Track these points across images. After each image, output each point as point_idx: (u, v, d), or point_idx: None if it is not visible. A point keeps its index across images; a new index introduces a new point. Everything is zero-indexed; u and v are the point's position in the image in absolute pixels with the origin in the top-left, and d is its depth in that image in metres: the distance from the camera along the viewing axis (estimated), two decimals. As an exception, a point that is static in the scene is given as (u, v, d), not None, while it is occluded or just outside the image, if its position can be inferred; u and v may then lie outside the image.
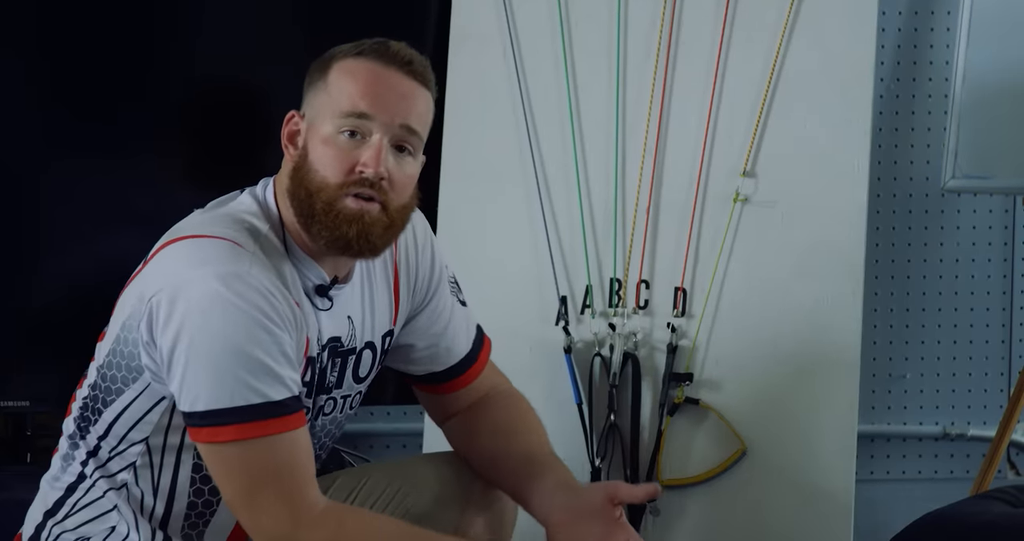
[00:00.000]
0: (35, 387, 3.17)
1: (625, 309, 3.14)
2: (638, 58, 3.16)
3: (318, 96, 2.23)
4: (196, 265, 2.13)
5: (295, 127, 2.26)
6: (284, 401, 2.12)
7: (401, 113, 2.21)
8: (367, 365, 2.37)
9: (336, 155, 2.19)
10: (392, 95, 2.21)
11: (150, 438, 2.22)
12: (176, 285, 2.12)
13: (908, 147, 3.87)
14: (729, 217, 3.12)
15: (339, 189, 2.19)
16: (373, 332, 2.36)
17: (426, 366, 2.47)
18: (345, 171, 2.19)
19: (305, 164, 2.21)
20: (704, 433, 3.12)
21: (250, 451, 2.11)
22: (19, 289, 3.16)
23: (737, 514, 3.10)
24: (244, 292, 2.11)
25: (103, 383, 2.22)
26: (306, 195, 2.20)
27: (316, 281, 2.25)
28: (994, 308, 3.92)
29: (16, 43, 3.16)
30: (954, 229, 3.90)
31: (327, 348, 2.28)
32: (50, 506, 2.28)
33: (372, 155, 2.18)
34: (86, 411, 2.25)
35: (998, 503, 3.05)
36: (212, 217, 2.22)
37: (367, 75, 2.21)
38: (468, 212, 3.16)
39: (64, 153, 3.18)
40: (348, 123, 2.19)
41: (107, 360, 2.22)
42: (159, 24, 3.24)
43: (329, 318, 2.27)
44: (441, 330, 2.45)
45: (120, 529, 2.24)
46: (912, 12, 3.84)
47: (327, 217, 2.18)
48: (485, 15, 3.17)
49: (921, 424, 3.92)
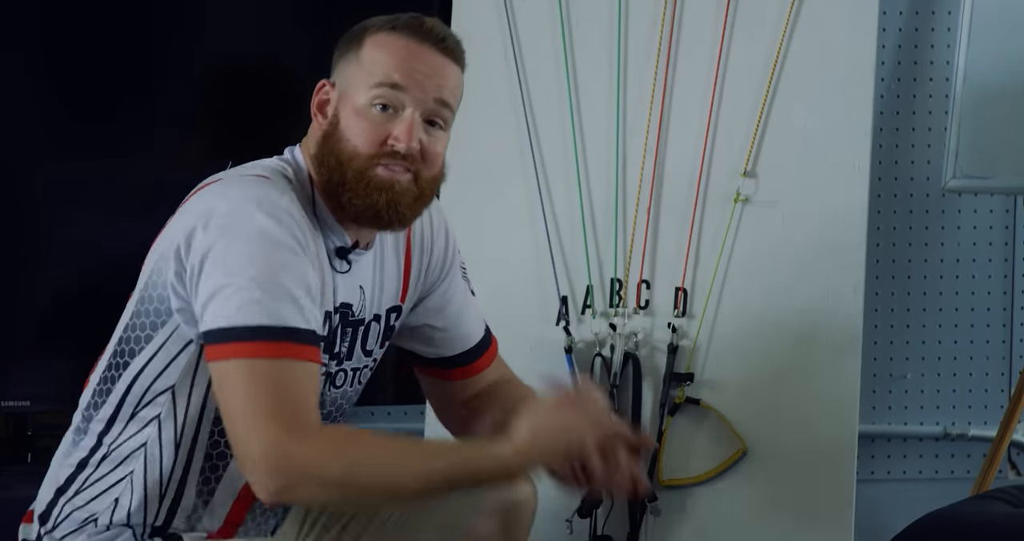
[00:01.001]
0: (36, 387, 3.17)
1: (626, 309, 3.14)
2: (639, 58, 3.16)
3: (350, 67, 2.26)
4: (226, 195, 2.16)
5: (325, 96, 2.28)
6: (299, 329, 2.11)
7: (434, 88, 2.24)
8: (374, 338, 2.37)
9: (368, 127, 2.22)
10: (426, 69, 2.24)
11: (176, 386, 2.21)
12: (206, 210, 2.14)
13: (909, 147, 3.87)
14: (730, 217, 3.12)
15: (370, 159, 2.21)
16: (380, 305, 2.37)
17: (439, 349, 2.47)
18: (377, 143, 2.22)
19: (336, 132, 2.23)
20: (705, 433, 3.12)
21: (257, 370, 2.08)
22: (20, 289, 3.16)
23: (738, 514, 3.10)
24: (277, 214, 2.12)
25: (131, 334, 2.22)
26: (336, 163, 2.22)
27: (338, 243, 2.27)
28: (995, 308, 3.92)
29: (15, 39, 3.16)
30: (955, 229, 3.90)
31: (339, 312, 2.29)
32: (61, 483, 2.27)
33: (405, 129, 2.21)
34: (110, 370, 2.24)
35: (999, 503, 3.05)
36: (241, 167, 2.25)
37: (402, 49, 2.24)
38: (469, 212, 3.16)
39: (65, 150, 3.18)
40: (381, 93, 2.22)
41: (135, 310, 2.22)
42: (159, 18, 3.23)
43: (344, 283, 2.28)
44: (456, 313, 2.47)
45: (123, 501, 2.23)
46: (913, 12, 3.84)
47: (358, 185, 2.21)
48: (486, 15, 3.17)
49: (922, 424, 3.92)
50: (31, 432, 3.26)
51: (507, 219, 3.17)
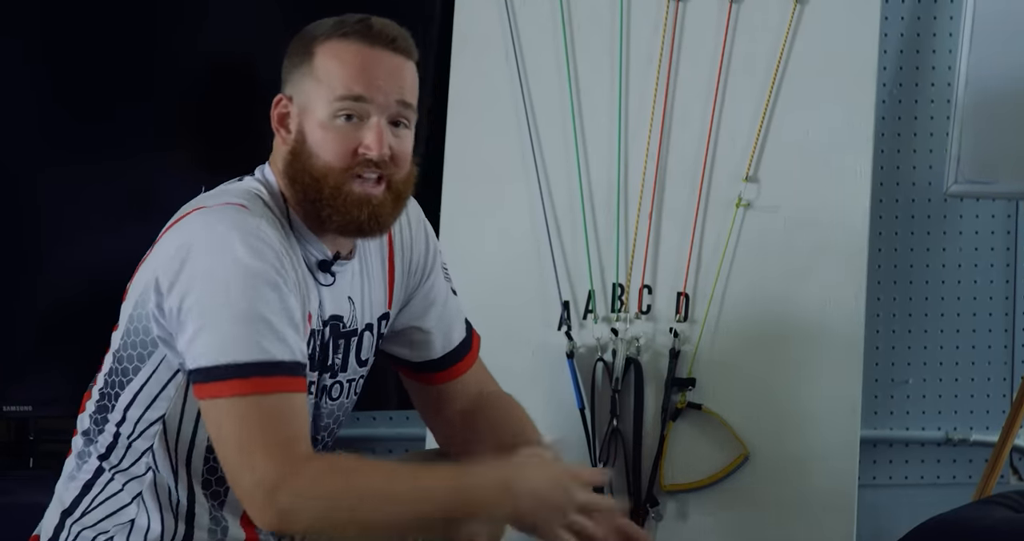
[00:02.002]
0: (38, 392, 3.17)
1: (628, 314, 3.14)
2: (640, 62, 3.16)
3: (305, 80, 2.24)
4: (204, 227, 2.15)
5: (284, 110, 2.26)
6: (286, 362, 2.11)
7: (395, 90, 2.23)
8: (368, 348, 2.37)
9: (336, 139, 2.21)
10: (384, 74, 2.23)
11: (167, 416, 2.21)
12: (185, 246, 2.14)
13: (911, 152, 3.87)
14: (732, 222, 3.12)
15: (344, 172, 2.21)
16: (371, 314, 2.37)
17: (424, 352, 2.46)
18: (348, 154, 2.21)
19: (304, 148, 2.22)
20: (707, 438, 3.11)
21: (246, 405, 2.09)
22: (22, 293, 3.16)
23: (740, 519, 3.10)
24: (255, 246, 2.12)
25: (119, 366, 2.23)
26: (311, 180, 2.21)
27: (319, 256, 2.26)
28: (996, 313, 3.92)
29: (14, 38, 3.16)
30: (956, 234, 3.90)
31: (329, 325, 2.29)
32: (67, 505, 2.27)
33: (374, 137, 2.20)
34: (103, 399, 2.25)
35: (1001, 508, 3.05)
36: (217, 192, 2.24)
37: (356, 57, 2.22)
38: (470, 216, 3.16)
39: (66, 154, 3.18)
40: (344, 106, 2.20)
41: (121, 342, 2.22)
42: (159, 19, 3.23)
43: (330, 295, 2.28)
44: (439, 314, 2.46)
45: (140, 522, 2.23)
46: (915, 17, 3.84)
47: (336, 201, 2.20)
48: (487, 18, 3.18)
49: (924, 429, 3.92)
50: (33, 437, 3.26)
51: (509, 223, 3.17)
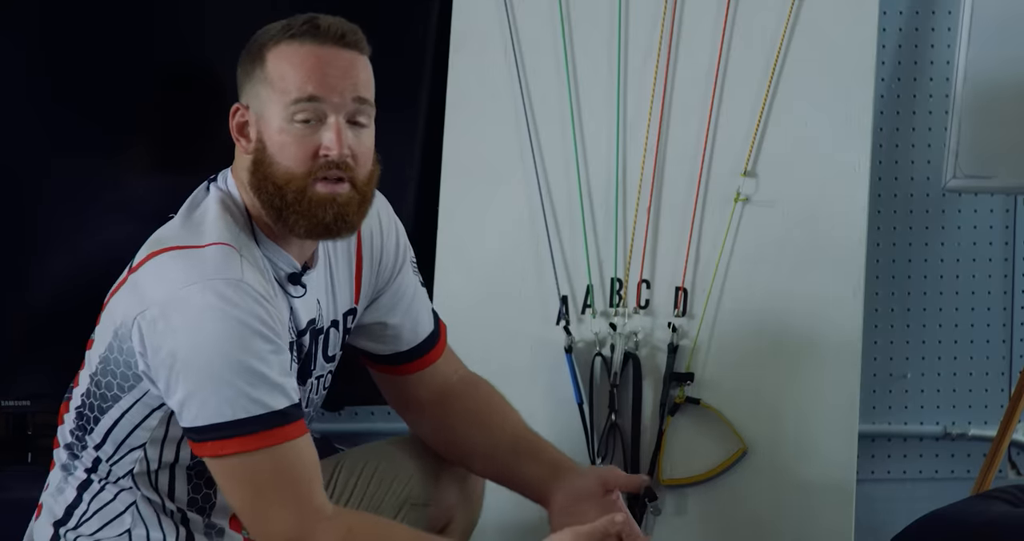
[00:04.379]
0: (36, 386, 3.17)
1: (626, 309, 3.14)
2: (639, 58, 3.16)
3: (259, 86, 2.22)
4: (188, 279, 2.12)
5: (242, 119, 2.24)
6: (285, 410, 2.12)
7: (349, 88, 2.20)
8: (334, 344, 2.37)
9: (295, 143, 2.18)
10: (336, 72, 2.20)
11: (147, 445, 2.21)
12: (169, 301, 2.11)
13: (909, 147, 3.87)
14: (730, 217, 3.12)
15: (307, 177, 2.18)
16: (336, 311, 2.36)
17: (392, 345, 2.47)
18: (309, 157, 2.18)
19: (265, 157, 2.20)
20: (705, 433, 3.11)
21: (255, 462, 2.11)
22: (19, 288, 3.16)
23: (738, 514, 3.10)
24: (239, 302, 2.10)
25: (98, 390, 2.21)
26: (275, 188, 2.19)
27: (288, 269, 2.25)
28: (995, 308, 3.92)
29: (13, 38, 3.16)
30: (955, 229, 3.90)
31: (307, 332, 2.29)
32: (60, 516, 2.26)
33: (333, 137, 2.18)
34: (81, 420, 2.24)
35: (999, 503, 3.05)
36: (191, 223, 2.21)
37: (307, 58, 2.20)
38: (469, 211, 3.16)
39: (62, 152, 3.17)
40: (300, 109, 2.18)
41: (100, 367, 2.20)
42: (157, 19, 3.23)
43: (302, 303, 2.28)
44: (406, 308, 2.46)
45: (138, 532, 2.23)
46: (913, 12, 3.84)
47: (300, 205, 2.18)
48: (486, 15, 3.17)
49: (922, 424, 3.92)
50: (31, 432, 3.26)
51: (507, 218, 3.17)
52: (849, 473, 3.08)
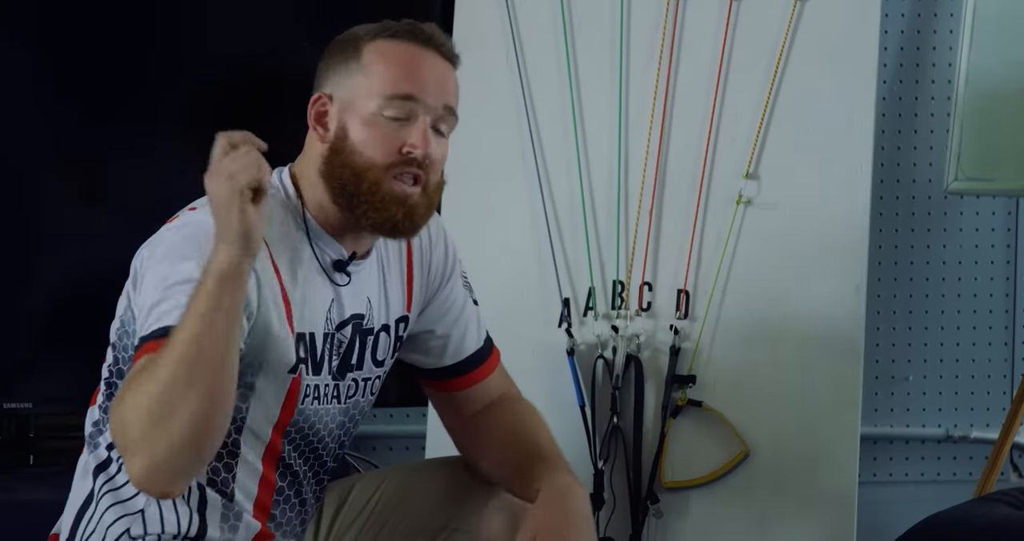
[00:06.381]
0: (38, 389, 3.17)
1: (628, 311, 3.14)
2: (641, 60, 3.16)
3: (352, 77, 2.24)
4: (175, 223, 2.19)
5: (323, 108, 2.26)
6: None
7: (443, 95, 2.26)
8: (384, 348, 2.37)
9: (382, 136, 2.22)
10: (433, 76, 2.26)
11: None
12: (154, 236, 2.18)
13: (911, 149, 3.87)
14: (732, 219, 3.12)
15: (386, 170, 2.21)
16: (388, 315, 2.37)
17: (437, 358, 2.46)
18: (393, 152, 2.22)
19: (345, 146, 2.23)
20: (707, 435, 3.11)
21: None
22: (23, 290, 3.16)
23: (740, 516, 3.10)
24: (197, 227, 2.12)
25: (120, 355, 2.23)
26: (351, 175, 2.22)
27: (334, 256, 2.27)
28: (997, 310, 3.92)
29: (16, 39, 3.16)
30: (957, 231, 3.90)
31: (350, 323, 2.29)
32: (82, 501, 2.27)
33: (420, 136, 2.22)
34: (109, 389, 2.25)
35: (1001, 505, 3.05)
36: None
37: (407, 58, 2.25)
38: (471, 213, 3.16)
39: (68, 151, 3.18)
40: (394, 105, 2.22)
41: (119, 332, 2.23)
42: (162, 18, 3.23)
43: (349, 295, 2.29)
44: (454, 320, 2.46)
45: (151, 512, 2.22)
46: (915, 14, 3.84)
47: (373, 198, 2.21)
48: (488, 16, 3.17)
49: (924, 426, 3.92)
50: (33, 434, 3.26)
51: (509, 221, 3.17)
52: (851, 475, 3.08)
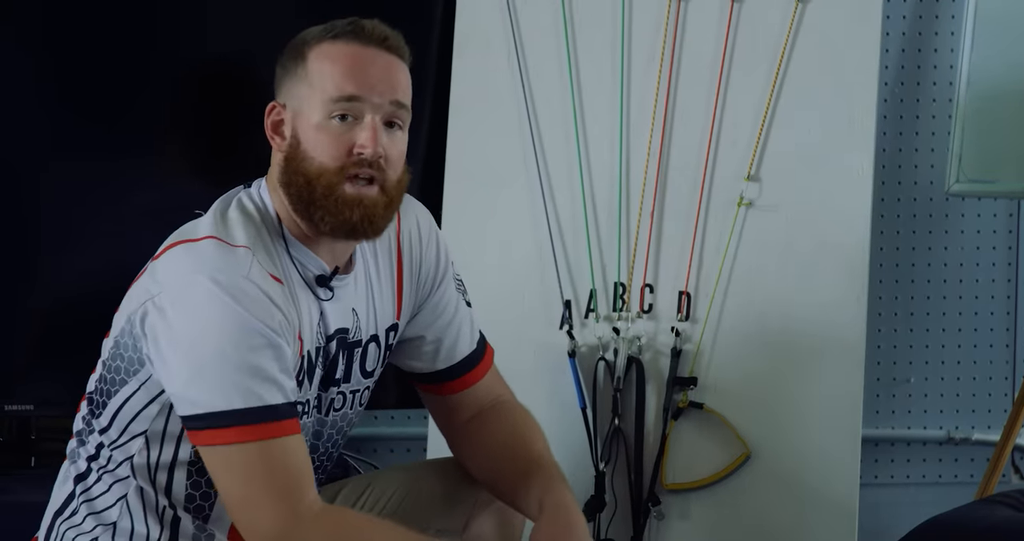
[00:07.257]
0: (39, 391, 3.17)
1: (629, 313, 3.14)
2: (642, 62, 3.16)
3: (298, 84, 2.24)
4: (195, 269, 2.15)
5: (278, 117, 2.26)
6: (280, 406, 2.13)
7: (389, 90, 2.23)
8: (373, 359, 2.37)
9: (331, 140, 2.21)
10: (377, 73, 2.23)
11: (149, 432, 2.23)
12: (175, 289, 2.14)
13: (912, 151, 3.87)
14: (733, 221, 3.12)
15: (338, 173, 2.20)
16: (377, 325, 2.37)
17: (429, 363, 2.46)
18: (343, 154, 2.21)
19: (298, 153, 2.22)
20: (708, 437, 3.11)
21: (249, 453, 2.12)
22: (24, 292, 3.16)
23: (741, 518, 3.10)
24: (242, 298, 2.12)
25: (108, 375, 2.24)
26: (304, 182, 2.21)
27: (316, 271, 2.26)
28: (998, 312, 3.92)
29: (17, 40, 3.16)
30: (958, 233, 3.90)
31: (335, 339, 2.29)
32: (59, 506, 2.29)
33: (369, 135, 2.20)
34: (92, 405, 2.27)
35: (1002, 507, 3.04)
36: (213, 220, 2.23)
37: (349, 58, 2.23)
38: (472, 216, 3.16)
39: (67, 153, 3.17)
40: (339, 107, 2.20)
41: (112, 352, 2.23)
42: (160, 20, 3.23)
43: (333, 309, 2.28)
44: (446, 324, 2.46)
45: (123, 525, 2.24)
46: (916, 16, 3.84)
47: (327, 201, 2.20)
48: (489, 18, 3.18)
49: (925, 428, 3.92)
50: (35, 436, 3.26)
51: (510, 223, 3.17)
52: (852, 477, 3.08)
